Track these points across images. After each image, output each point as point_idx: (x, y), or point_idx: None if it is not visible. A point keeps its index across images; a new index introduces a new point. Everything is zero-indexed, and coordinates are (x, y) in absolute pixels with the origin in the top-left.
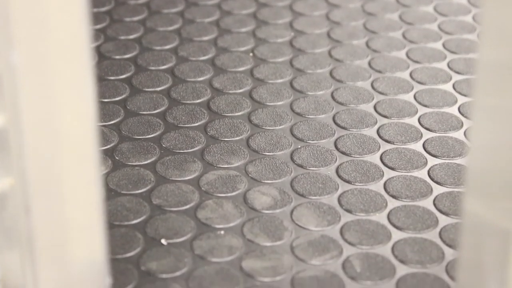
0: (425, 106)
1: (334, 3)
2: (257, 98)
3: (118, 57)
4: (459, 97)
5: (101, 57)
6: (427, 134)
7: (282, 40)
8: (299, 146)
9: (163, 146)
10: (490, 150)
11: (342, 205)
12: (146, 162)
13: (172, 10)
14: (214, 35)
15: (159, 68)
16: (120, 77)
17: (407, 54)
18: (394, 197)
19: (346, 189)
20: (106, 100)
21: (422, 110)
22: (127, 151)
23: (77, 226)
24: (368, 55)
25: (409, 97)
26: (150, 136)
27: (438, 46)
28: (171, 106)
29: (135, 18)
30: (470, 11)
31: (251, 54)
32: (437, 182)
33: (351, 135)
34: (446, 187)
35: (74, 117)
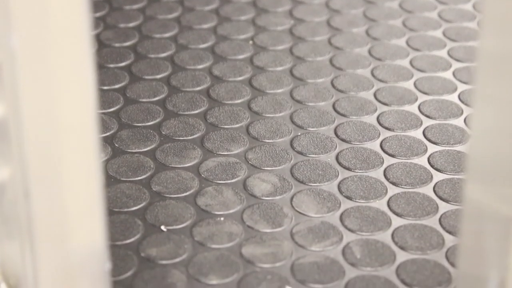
0: (425, 93)
1: None
2: (257, 85)
3: (117, 45)
4: (459, 84)
5: (100, 45)
6: (427, 122)
7: (282, 28)
8: (299, 133)
9: (163, 133)
10: (491, 136)
11: (342, 192)
12: (145, 149)
13: None
14: (214, 23)
15: (159, 56)
16: (119, 64)
17: (407, 42)
18: (394, 184)
19: (346, 176)
20: (105, 87)
21: (422, 98)
22: (127, 138)
23: (77, 213)
24: (368, 43)
25: (409, 84)
26: (150, 123)
27: (438, 34)
28: (171, 93)
29: (135, 6)
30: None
31: (251, 42)
32: (437, 169)
33: (351, 123)
34: (446, 174)
35: (74, 104)
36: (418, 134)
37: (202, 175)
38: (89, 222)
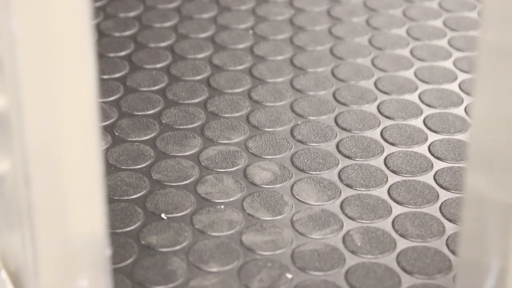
0: (425, 82)
1: None
2: (257, 75)
3: (117, 34)
4: (460, 73)
5: (100, 34)
6: (428, 110)
7: (282, 17)
8: (299, 122)
9: (163, 122)
10: (491, 125)
11: (342, 180)
12: (146, 138)
13: None
14: (214, 13)
15: (159, 45)
16: (119, 54)
17: (407, 32)
18: (394, 172)
19: (346, 164)
20: (105, 76)
21: (423, 87)
22: (127, 127)
23: (77, 201)
24: (368, 33)
25: (409, 73)
26: (150, 112)
27: (439, 23)
28: (171, 82)
29: None
30: None
31: (251, 32)
32: (437, 158)
33: (351, 111)
34: (447, 162)
35: (74, 93)
36: (418, 123)
37: (202, 164)
38: (89, 210)
